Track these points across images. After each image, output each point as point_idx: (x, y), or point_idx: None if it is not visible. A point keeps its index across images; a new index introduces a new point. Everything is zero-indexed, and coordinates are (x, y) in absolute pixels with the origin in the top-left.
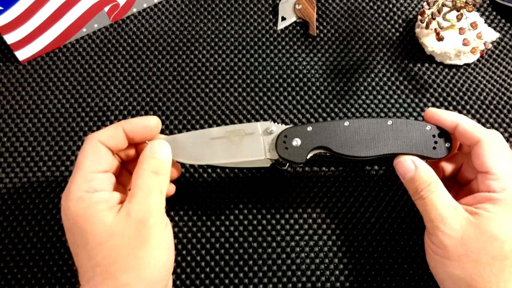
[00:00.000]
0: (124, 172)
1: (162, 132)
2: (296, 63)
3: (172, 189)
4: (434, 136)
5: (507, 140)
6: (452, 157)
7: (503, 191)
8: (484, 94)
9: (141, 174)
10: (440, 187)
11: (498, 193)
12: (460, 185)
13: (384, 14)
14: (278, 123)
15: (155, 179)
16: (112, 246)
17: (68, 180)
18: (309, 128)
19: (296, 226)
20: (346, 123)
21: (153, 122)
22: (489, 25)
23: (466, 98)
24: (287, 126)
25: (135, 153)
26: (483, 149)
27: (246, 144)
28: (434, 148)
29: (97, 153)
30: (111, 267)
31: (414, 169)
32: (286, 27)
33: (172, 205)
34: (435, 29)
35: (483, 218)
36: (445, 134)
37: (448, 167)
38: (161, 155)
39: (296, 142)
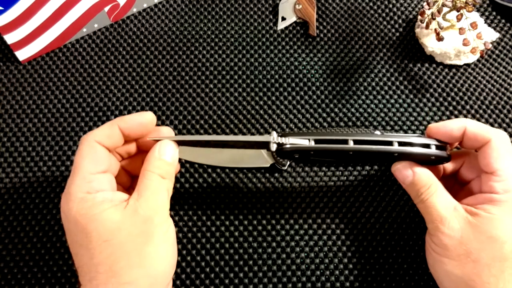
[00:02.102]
0: (122, 172)
1: None
2: (296, 63)
3: (177, 166)
4: (437, 156)
5: None
6: (453, 156)
7: (505, 193)
8: (484, 94)
9: (149, 175)
10: (440, 189)
11: (500, 195)
12: (461, 184)
13: (384, 14)
14: (278, 135)
15: (163, 181)
16: (118, 243)
17: (67, 182)
18: (312, 152)
19: (296, 226)
20: (351, 152)
21: (148, 118)
22: (489, 25)
23: (466, 98)
24: (289, 144)
25: (135, 149)
26: (492, 149)
27: (247, 156)
28: (432, 162)
29: (94, 154)
30: (116, 265)
31: (412, 174)
32: (286, 27)
33: (172, 205)
34: (435, 29)
35: (482, 219)
36: (444, 151)
37: (448, 166)
38: (169, 158)
39: (297, 155)
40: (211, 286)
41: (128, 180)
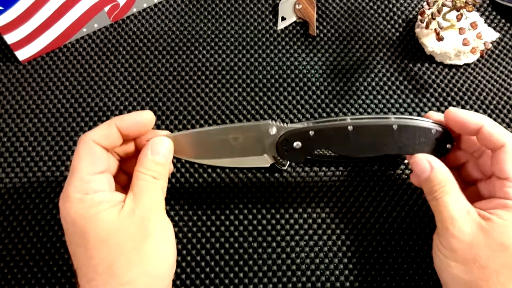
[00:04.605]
0: (120, 171)
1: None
2: (296, 63)
3: (170, 167)
4: (437, 139)
5: None
6: (452, 154)
7: None
8: (484, 94)
9: (142, 176)
10: (455, 189)
11: None
12: (466, 183)
13: (384, 14)
14: (279, 122)
15: (156, 181)
16: (116, 243)
17: (65, 182)
18: (311, 133)
19: (296, 226)
20: (350, 128)
21: (146, 117)
22: (489, 25)
23: (466, 98)
24: (289, 127)
25: (133, 149)
26: (507, 155)
27: (247, 144)
28: (434, 149)
29: (93, 155)
30: (114, 265)
31: (429, 169)
32: (286, 27)
33: (172, 205)
34: (435, 29)
35: (495, 225)
36: (448, 136)
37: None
38: (162, 158)
39: (297, 144)
40: (211, 286)
41: (125, 180)
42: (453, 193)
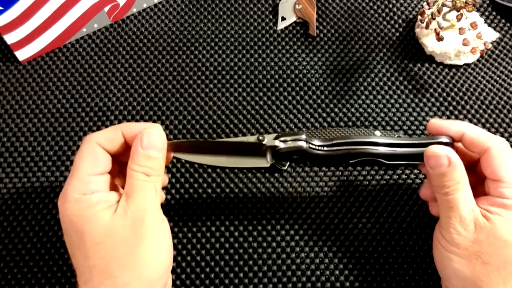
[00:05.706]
0: (120, 175)
1: None
2: (296, 63)
3: (165, 179)
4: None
5: (507, 140)
6: None
7: None
8: (484, 94)
9: (133, 174)
10: (466, 187)
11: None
12: None
13: (384, 14)
14: (278, 134)
15: (149, 178)
16: (111, 245)
17: (65, 182)
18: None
19: (296, 226)
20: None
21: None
22: (489, 25)
23: (466, 98)
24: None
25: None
26: (494, 157)
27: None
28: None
29: (94, 156)
30: (109, 267)
31: (447, 164)
32: (286, 27)
33: (172, 205)
34: (435, 29)
35: (497, 223)
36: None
37: None
38: (153, 152)
39: (296, 157)
40: (211, 286)
41: (124, 179)
42: (464, 191)
